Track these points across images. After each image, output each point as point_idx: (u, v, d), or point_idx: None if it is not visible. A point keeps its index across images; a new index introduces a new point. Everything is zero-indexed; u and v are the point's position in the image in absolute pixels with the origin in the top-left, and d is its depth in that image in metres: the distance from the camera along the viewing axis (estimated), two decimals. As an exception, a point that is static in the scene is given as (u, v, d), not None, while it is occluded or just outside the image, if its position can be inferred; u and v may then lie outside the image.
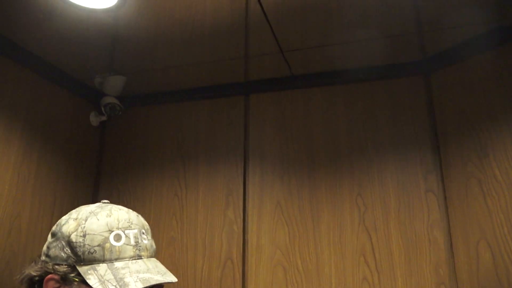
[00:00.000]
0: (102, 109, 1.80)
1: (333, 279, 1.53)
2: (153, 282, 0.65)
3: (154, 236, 1.74)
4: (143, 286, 0.63)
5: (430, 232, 1.48)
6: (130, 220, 0.72)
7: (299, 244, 1.60)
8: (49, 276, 0.67)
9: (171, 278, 0.69)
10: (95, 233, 0.67)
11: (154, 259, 0.73)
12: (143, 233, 0.73)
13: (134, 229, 0.71)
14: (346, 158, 1.64)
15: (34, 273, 0.69)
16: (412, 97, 1.63)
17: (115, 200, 1.81)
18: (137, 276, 0.64)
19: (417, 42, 1.51)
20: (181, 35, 1.45)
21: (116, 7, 1.25)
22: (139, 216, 0.77)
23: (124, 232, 0.69)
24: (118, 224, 0.70)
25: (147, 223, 0.78)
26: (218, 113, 1.87)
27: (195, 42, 1.50)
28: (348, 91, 1.71)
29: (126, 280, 0.63)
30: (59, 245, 0.68)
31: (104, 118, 1.85)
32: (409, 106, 1.62)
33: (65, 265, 0.67)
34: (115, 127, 2.00)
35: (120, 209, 0.74)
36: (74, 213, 0.73)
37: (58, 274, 0.67)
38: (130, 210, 0.76)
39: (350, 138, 1.65)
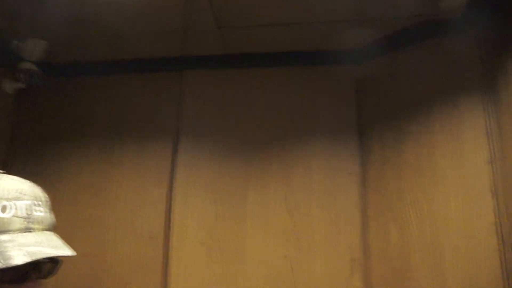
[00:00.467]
0: (18, 75, 1.66)
1: (256, 257, 1.56)
2: (42, 256, 0.60)
3: (71, 213, 1.65)
4: (31, 260, 0.59)
5: (348, 212, 1.56)
6: (23, 191, 0.67)
7: (225, 224, 1.61)
8: None
9: (66, 252, 0.65)
10: None
11: (50, 232, 0.68)
12: (38, 204, 0.68)
13: (26, 200, 0.66)
14: (278, 140, 1.67)
15: None
16: (342, 84, 1.69)
17: (29, 173, 1.67)
18: (25, 250, 0.60)
19: (350, 31, 1.56)
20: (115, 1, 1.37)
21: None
22: (36, 187, 0.71)
23: (13, 203, 0.64)
24: (8, 194, 0.64)
25: (45, 195, 0.72)
26: (151, 88, 1.80)
27: (129, 11, 1.42)
28: (284, 74, 1.73)
29: (10, 253, 0.58)
30: None
31: (21, 85, 1.71)
32: (339, 92, 1.68)
33: None
34: (40, 97, 1.85)
35: (12, 179, 0.68)
36: None
37: None
38: (27, 181, 0.70)
39: (283, 120, 1.68)
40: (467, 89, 1.35)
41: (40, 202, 0.69)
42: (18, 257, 0.58)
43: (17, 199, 0.66)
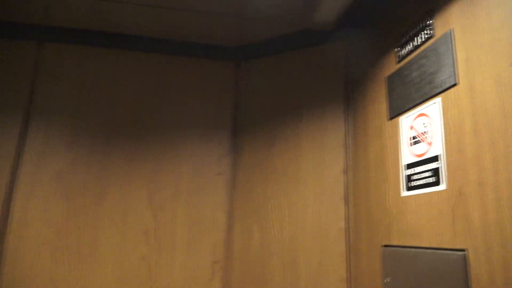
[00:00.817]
0: None
1: (110, 259, 1.42)
2: None
3: None
4: None
5: (214, 213, 1.52)
6: None
7: (76, 222, 1.43)
8: None
9: None
10: None
11: None
12: None
13: None
14: (146, 132, 1.54)
15: None
16: (221, 81, 1.65)
17: None
18: None
19: (235, 27, 1.53)
20: None
21: None
22: None
23: None
24: None
25: None
26: (3, 58, 1.52)
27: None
28: (159, 62, 1.62)
29: None
30: None
31: None
32: (217, 90, 1.63)
33: None
34: None
35: None
36: None
37: None
38: None
39: (154, 112, 1.57)
40: (333, 101, 1.43)
41: None
42: None
43: None
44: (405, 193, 1.02)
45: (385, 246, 1.09)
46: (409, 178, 1.00)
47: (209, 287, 1.46)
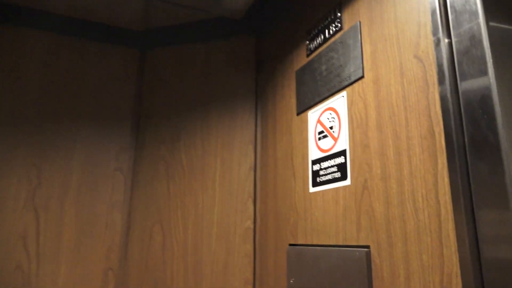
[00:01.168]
0: None
1: (-26, 270, 1.17)
2: None
3: None
4: None
5: (109, 213, 1.36)
6: None
7: None
8: None
9: None
10: None
11: None
12: None
13: None
14: (27, 120, 1.32)
15: None
16: (123, 68, 1.48)
17: None
18: None
19: (140, 10, 1.38)
20: None
21: None
22: None
23: None
24: None
25: None
26: None
27: None
28: (54, 42, 1.40)
29: None
30: None
31: None
32: (119, 78, 1.47)
33: None
34: None
35: None
36: None
37: None
38: None
39: (40, 98, 1.35)
40: (243, 96, 1.36)
41: None
42: None
43: None
44: (312, 189, 0.98)
45: (291, 245, 1.05)
46: (316, 173, 0.97)
47: (101, 297, 1.29)
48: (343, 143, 0.89)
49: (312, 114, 1.02)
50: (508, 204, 0.53)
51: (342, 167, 0.88)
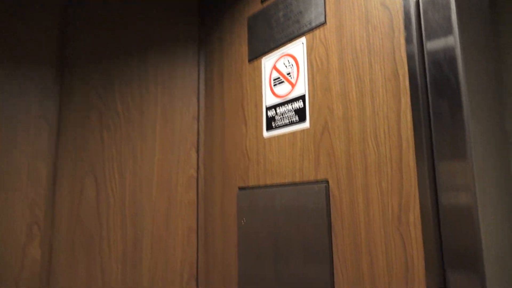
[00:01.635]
0: None
1: None
2: None
3: None
4: None
5: (31, 164, 1.22)
6: None
7: None
8: None
9: None
10: None
11: None
12: None
13: None
14: None
15: None
16: (46, 5, 1.30)
17: None
18: None
19: None
20: None
21: None
22: None
23: None
24: None
25: None
26: None
27: None
28: None
29: None
30: None
31: None
32: (39, 15, 1.28)
33: None
34: None
35: None
36: None
37: None
38: None
39: None
40: (184, 42, 1.31)
41: None
42: None
43: None
44: (266, 133, 1.01)
45: (241, 188, 1.07)
46: (272, 119, 1.00)
47: (25, 253, 1.17)
48: (301, 88, 0.92)
49: (267, 61, 1.03)
50: (464, 135, 0.62)
51: (300, 111, 0.92)
